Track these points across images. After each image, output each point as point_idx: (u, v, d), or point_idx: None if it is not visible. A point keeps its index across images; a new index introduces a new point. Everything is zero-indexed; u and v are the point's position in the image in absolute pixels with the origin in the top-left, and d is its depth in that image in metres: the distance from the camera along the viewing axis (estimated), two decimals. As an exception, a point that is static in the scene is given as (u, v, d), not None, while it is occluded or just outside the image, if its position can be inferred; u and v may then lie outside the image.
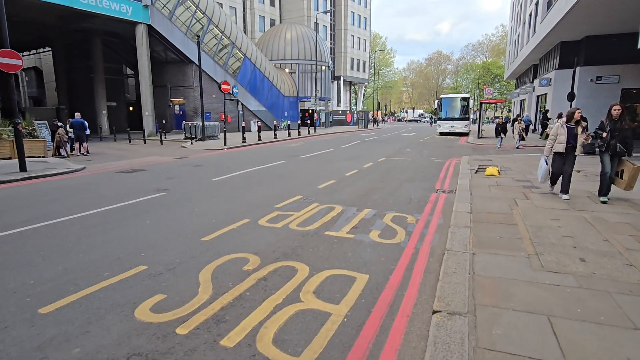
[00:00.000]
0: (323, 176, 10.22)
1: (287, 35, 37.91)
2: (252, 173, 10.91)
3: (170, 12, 25.72)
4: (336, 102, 57.03)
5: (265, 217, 6.19)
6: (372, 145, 20.55)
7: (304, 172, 11.00)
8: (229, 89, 19.41)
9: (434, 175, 10.49)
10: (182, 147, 19.28)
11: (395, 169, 11.72)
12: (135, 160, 14.36)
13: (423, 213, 6.50)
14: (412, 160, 13.78)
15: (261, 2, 46.20)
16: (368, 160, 13.60)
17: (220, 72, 29.45)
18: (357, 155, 15.53)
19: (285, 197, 7.67)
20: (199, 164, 12.91)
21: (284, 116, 36.85)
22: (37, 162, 12.57)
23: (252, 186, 8.94)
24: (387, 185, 8.97)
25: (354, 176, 10.25)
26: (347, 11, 55.80)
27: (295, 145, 20.19)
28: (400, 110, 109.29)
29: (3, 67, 9.74)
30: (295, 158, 14.55)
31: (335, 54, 56.47)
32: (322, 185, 8.94)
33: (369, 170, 11.29)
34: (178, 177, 10.22)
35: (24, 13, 22.35)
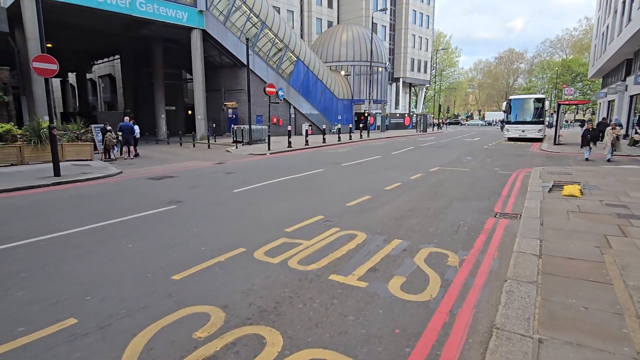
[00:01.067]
0: (358, 189, 8.85)
1: (343, 37, 36.81)
2: (282, 183, 9.85)
3: (224, 17, 25.87)
4: (394, 105, 54.77)
5: (266, 246, 5.02)
6: (426, 151, 18.62)
7: (338, 184, 9.70)
8: (274, 92, 18.72)
9: (495, 192, 8.61)
10: (227, 152, 18.95)
11: (447, 182, 9.97)
12: (173, 165, 14.09)
13: (472, 249, 4.90)
14: (470, 172, 11.84)
15: (318, 4, 45.66)
16: (417, 170, 11.92)
17: (272, 75, 29.15)
18: (407, 163, 13.86)
19: (304, 216, 6.45)
20: (232, 171, 12.18)
21: (337, 119, 35.75)
22: (79, 166, 12.71)
23: (273, 200, 7.85)
24: (433, 205, 7.37)
25: (395, 191, 8.74)
26: (409, 9, 53.35)
27: (342, 151, 18.93)
28: (465, 112, 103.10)
29: (39, 71, 9.72)
30: (336, 166, 13.29)
31: (394, 55, 54.28)
32: (354, 201, 7.59)
33: (415, 183, 9.68)
34: (202, 186, 9.48)
35: (92, 23, 23.73)
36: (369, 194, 8.35)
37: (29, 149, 12.96)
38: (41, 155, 13.29)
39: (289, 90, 30.67)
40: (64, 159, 13.71)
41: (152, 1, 21.90)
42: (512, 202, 7.65)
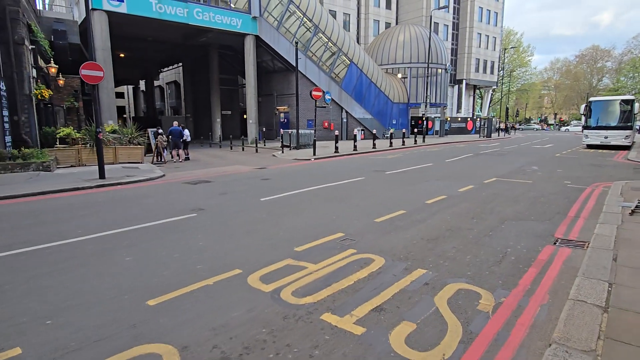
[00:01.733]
0: (394, 202, 7.96)
1: (400, 38, 35.47)
2: (314, 192, 9.25)
3: (278, 22, 26.06)
4: (456, 108, 51.84)
5: (265, 268, 4.43)
6: (486, 159, 16.93)
7: (374, 195, 8.86)
8: (320, 96, 18.26)
9: (560, 212, 7.23)
10: (273, 156, 18.83)
11: (502, 196, 8.68)
12: (216, 169, 14.15)
13: (515, 289, 3.89)
14: (532, 184, 10.31)
15: (376, 6, 44.67)
16: (469, 182, 10.65)
17: (324, 79, 28.82)
18: (458, 173, 12.55)
19: (322, 233, 5.78)
20: (269, 177, 11.84)
21: (391, 124, 34.49)
22: (128, 169, 13.21)
23: (297, 212, 7.27)
24: (478, 225, 6.29)
25: (437, 205, 7.71)
26: (474, 7, 50.27)
27: (392, 158, 17.89)
28: (538, 116, 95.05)
29: (86, 78, 10.14)
30: (379, 174, 12.41)
31: (457, 55, 51.44)
32: (384, 217, 6.74)
33: (462, 197, 8.53)
34: (232, 193, 9.20)
35: (155, 33, 25.20)
36: (405, 208, 7.43)
37: (86, 151, 13.75)
38: (97, 157, 14.03)
39: (341, 94, 30.13)
40: (116, 162, 14.41)
41: (208, 10, 22.63)
42: (580, 226, 6.30)
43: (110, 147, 14.25)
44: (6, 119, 11.58)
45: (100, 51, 19.37)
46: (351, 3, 42.08)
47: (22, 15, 12.45)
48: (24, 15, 12.76)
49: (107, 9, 19.18)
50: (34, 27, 13.59)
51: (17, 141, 12.29)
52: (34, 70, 13.51)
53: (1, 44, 11.85)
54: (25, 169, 11.14)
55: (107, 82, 19.60)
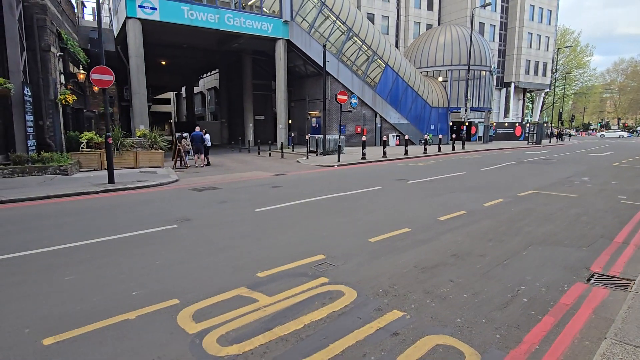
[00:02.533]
0: (402, 217, 6.98)
1: (440, 39, 33.76)
2: (319, 203, 8.46)
3: (310, 26, 25.62)
4: (503, 113, 48.72)
5: (209, 299, 3.71)
6: (528, 169, 15.23)
7: (382, 208, 7.90)
8: (345, 99, 17.43)
9: (605, 235, 5.90)
10: (297, 162, 18.24)
11: (535, 213, 7.39)
12: (233, 175, 13.76)
13: (515, 350, 2.86)
14: (577, 199, 8.83)
15: (417, 7, 43.11)
16: (501, 194, 9.35)
17: (357, 83, 27.94)
18: (492, 184, 11.19)
19: (301, 253, 4.98)
20: (280, 185, 11.20)
21: (430, 129, 32.80)
22: (145, 173, 13.16)
23: (288, 226, 6.52)
24: (494, 250, 5.19)
25: (451, 223, 6.63)
26: (525, 5, 47.11)
27: (422, 165, 16.65)
28: (599, 122, 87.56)
29: (96, 82, 10.09)
30: (400, 183, 11.36)
31: (505, 57, 48.41)
32: (382, 236, 5.81)
33: (486, 213, 7.36)
34: (231, 202, 8.64)
35: (190, 40, 25.71)
36: (412, 225, 6.43)
37: (108, 155, 13.89)
38: (120, 161, 14.18)
39: (375, 99, 29.07)
40: (137, 166, 14.48)
41: (239, 15, 22.64)
42: (627, 256, 5.01)
43: (131, 152, 14.34)
44: (30, 123, 11.90)
45: (134, 58, 19.91)
46: (390, 5, 40.90)
47: (50, 23, 12.84)
48: (53, 23, 13.17)
49: (140, 17, 19.66)
50: (64, 34, 14.02)
51: (41, 145, 12.63)
52: (63, 77, 13.90)
53: (28, 50, 12.25)
54: (42, 173, 11.34)
55: (139, 87, 20.08)
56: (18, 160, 11.12)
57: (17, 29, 11.33)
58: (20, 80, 11.48)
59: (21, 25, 11.76)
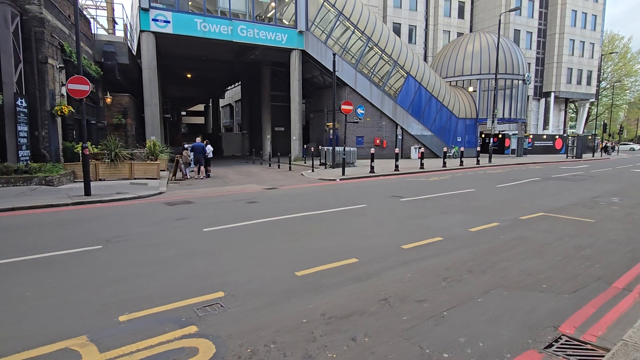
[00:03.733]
0: (361, 244, 5.99)
1: (469, 48, 32.09)
2: (278, 222, 7.61)
3: (326, 36, 25.09)
4: (542, 124, 45.59)
5: (23, 354, 2.97)
6: (551, 186, 13.55)
7: (347, 232, 6.92)
8: (350, 110, 16.52)
9: (603, 278, 4.63)
10: (301, 175, 17.49)
11: (527, 243, 6.14)
12: (226, 188, 13.24)
13: None
14: (592, 225, 7.40)
15: (447, 16, 41.57)
16: (501, 216, 8.08)
17: (376, 94, 26.96)
18: (498, 203, 9.84)
19: (196, 290, 4.17)
20: (259, 201, 10.46)
21: (456, 141, 31.03)
22: (135, 185, 12.90)
23: (219, 251, 5.73)
24: (440, 295, 4.11)
25: (417, 252, 5.57)
26: (566, 10, 44.19)
27: (432, 180, 15.35)
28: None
29: (72, 92, 9.92)
30: (391, 201, 10.27)
31: (544, 65, 45.49)
32: (317, 268, 4.88)
33: (466, 241, 6.20)
34: (188, 219, 7.99)
35: (206, 52, 25.96)
36: (363, 255, 5.43)
37: (104, 166, 13.86)
38: (115, 172, 14.11)
39: (396, 109, 27.91)
40: (131, 177, 14.32)
41: (252, 26, 22.51)
42: (622, 310, 3.77)
43: (126, 163, 14.22)
44: (23, 133, 12.02)
45: (147, 70, 20.18)
46: (418, 14, 39.73)
47: (49, 36, 13.05)
48: (53, 36, 13.40)
49: (154, 30, 19.95)
50: (67, 47, 14.25)
51: (36, 155, 12.74)
52: (64, 88, 14.09)
53: (26, 62, 12.46)
54: (27, 183, 11.33)
55: (151, 99, 20.29)
56: (5, 170, 11.18)
57: (11, 41, 11.53)
58: (13, 91, 11.63)
59: (17, 38, 11.98)
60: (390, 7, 38.36)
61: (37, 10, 12.54)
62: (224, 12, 22.21)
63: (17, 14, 11.99)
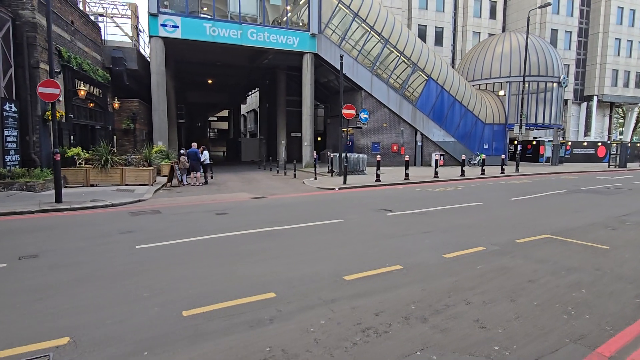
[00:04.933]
0: (299, 272, 5.02)
1: (497, 49, 30.05)
2: (223, 240, 6.76)
3: (340, 38, 24.18)
4: (583, 131, 42.16)
5: None
6: (574, 200, 11.84)
7: (294, 254, 5.96)
8: (352, 114, 15.44)
9: (587, 335, 3.39)
10: (302, 183, 16.60)
11: (504, 277, 4.92)
12: (215, 196, 12.63)
13: None
14: (602, 254, 6.00)
15: (477, 16, 39.47)
16: (493, 238, 6.81)
17: (394, 98, 25.68)
18: (500, 220, 8.49)
19: (40, 333, 3.37)
20: (229, 212, 9.68)
21: (482, 148, 29.01)
22: (120, 191, 12.54)
23: (120, 277, 4.94)
24: (343, 355, 3.07)
25: (358, 286, 4.53)
26: (611, 8, 40.76)
27: (440, 191, 13.99)
28: None
29: (43, 96, 9.61)
30: (376, 215, 9.17)
31: (585, 67, 42.14)
32: (211, 307, 3.97)
33: (428, 272, 5.06)
34: (135, 232, 7.32)
35: (220, 57, 25.80)
36: (290, 287, 4.47)
37: (95, 171, 13.65)
38: (106, 178, 13.87)
39: (415, 114, 26.45)
40: (123, 183, 14.02)
41: (262, 30, 22.02)
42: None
43: (118, 169, 13.95)
44: (11, 138, 11.98)
45: (155, 75, 20.16)
46: (445, 16, 37.96)
47: (42, 41, 13.04)
48: (47, 41, 13.38)
49: (162, 35, 19.90)
50: (65, 52, 14.26)
51: (27, 160, 12.69)
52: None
53: (18, 67, 12.48)
54: (8, 189, 11.20)
55: (159, 104, 20.22)
56: (-14, 175, 11.13)
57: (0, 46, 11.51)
58: (1, 96, 11.59)
59: (7, 42, 11.99)
60: (416, 8, 36.91)
61: (30, 16, 12.55)
62: (240, 17, 21.72)
63: (8, 19, 12.02)
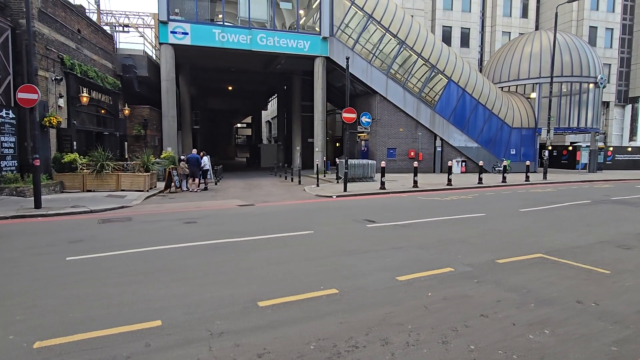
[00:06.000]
0: (213, 293, 4.37)
1: (527, 49, 28.17)
2: (170, 252, 6.24)
3: (354, 41, 23.47)
4: (628, 135, 38.79)
5: None
6: (597, 212, 10.44)
7: (227, 271, 5.33)
8: (353, 118, 14.60)
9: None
10: (303, 190, 15.97)
11: (456, 309, 4.04)
12: (203, 203, 12.30)
13: None
14: (596, 282, 4.94)
15: (507, 16, 37.44)
16: (468, 258, 5.87)
17: (410, 101, 24.58)
18: (494, 235, 7.46)
19: None
20: (203, 221, 9.20)
21: (509, 154, 27.18)
22: (111, 197, 12.46)
23: (14, 294, 4.49)
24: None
25: (268, 315, 3.83)
26: (659, 1, 37.42)
27: (445, 200, 12.91)
28: None
29: (21, 101, 9.62)
30: (355, 227, 8.37)
31: (630, 66, 38.86)
32: (77, 335, 3.39)
33: (366, 299, 4.28)
34: (85, 241, 6.96)
35: (233, 64, 25.83)
36: (180, 314, 3.83)
37: (91, 177, 13.70)
38: (102, 184, 13.90)
39: (434, 119, 25.18)
40: (119, 189, 14.00)
41: (272, 34, 21.73)
42: None
43: (114, 174, 13.95)
44: (7, 144, 12.22)
45: (165, 82, 20.32)
46: (471, 16, 36.30)
47: (43, 49, 13.32)
48: (48, 49, 13.67)
49: (172, 43, 20.07)
50: (68, 60, 14.53)
51: (24, 166, 12.90)
52: (62, 100, 14.33)
53: (17, 75, 12.77)
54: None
55: (168, 110, 20.35)
56: (-22, 181, 11.35)
57: (-3, 54, 11.79)
58: (-3, 103, 11.84)
59: (6, 51, 12.28)
60: (440, 9, 35.56)
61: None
62: (249, 22, 21.55)
63: (7, 29, 12.32)
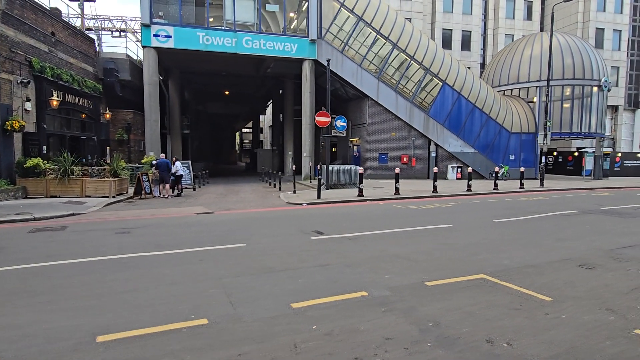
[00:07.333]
0: (51, 324, 3.75)
1: (527, 51, 27.16)
2: (55, 269, 5.66)
3: (343, 43, 22.86)
4: (638, 141, 37.15)
5: None
6: (578, 223, 9.53)
7: (97, 295, 4.72)
8: (327, 122, 13.93)
9: None
10: (278, 197, 15.33)
11: (343, 343, 3.32)
12: (163, 210, 11.81)
13: None
14: (527, 313, 4.16)
15: (509, 18, 36.39)
16: (394, 279, 5.17)
17: (403, 105, 23.80)
18: (446, 250, 6.70)
19: None
20: (138, 232, 8.63)
21: (507, 160, 26.13)
22: (67, 203, 12.03)
23: None
24: None
25: (106, 353, 3.16)
26: (671, 1, 35.90)
27: (422, 209, 12.12)
28: None
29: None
30: (298, 239, 7.71)
31: (639, 69, 37.28)
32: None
33: (238, 332, 3.60)
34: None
35: (223, 67, 25.42)
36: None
37: (55, 182, 13.33)
38: (66, 189, 13.52)
39: (428, 123, 24.33)
40: (83, 195, 13.59)
41: (258, 37, 21.27)
42: None
43: (79, 180, 13.54)
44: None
45: (147, 85, 19.97)
46: (473, 18, 35.38)
47: (8, 51, 13.04)
48: (13, 51, 13.40)
49: (155, 46, 19.74)
50: (37, 63, 14.24)
51: (-17, 170, 12.59)
52: (28, 103, 14.02)
53: (-21, 78, 12.48)
54: (-51, 199, 11.01)
55: (151, 114, 19.98)
56: None
57: (-46, 56, 11.51)
58: (-48, 106, 11.56)
59: (-35, 53, 12.01)
60: (440, 12, 34.74)
61: (-8, 26, 12.57)
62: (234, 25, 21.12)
63: (-32, 30, 12.07)
